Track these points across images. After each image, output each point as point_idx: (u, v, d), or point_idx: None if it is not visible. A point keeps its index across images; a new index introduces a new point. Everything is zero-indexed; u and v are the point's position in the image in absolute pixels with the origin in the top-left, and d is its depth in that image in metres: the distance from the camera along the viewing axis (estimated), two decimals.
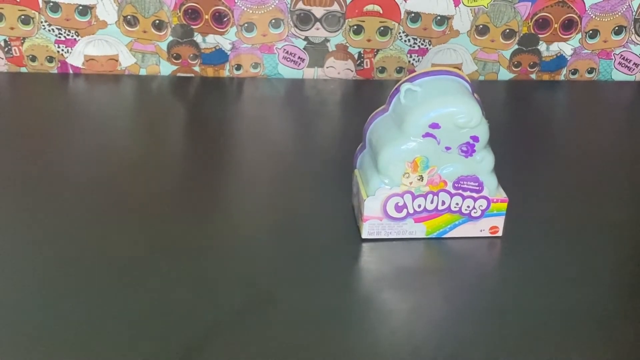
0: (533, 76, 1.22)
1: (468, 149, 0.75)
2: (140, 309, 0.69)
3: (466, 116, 0.73)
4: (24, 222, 0.81)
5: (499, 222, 0.80)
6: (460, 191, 0.77)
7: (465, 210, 0.78)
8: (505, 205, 0.79)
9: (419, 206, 0.78)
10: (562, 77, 1.23)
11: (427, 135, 0.73)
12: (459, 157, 0.75)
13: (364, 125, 0.80)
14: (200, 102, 1.14)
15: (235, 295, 0.71)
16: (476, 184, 0.77)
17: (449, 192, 0.77)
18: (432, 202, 0.77)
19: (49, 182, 0.89)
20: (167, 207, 0.85)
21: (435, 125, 0.73)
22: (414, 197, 0.77)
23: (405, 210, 0.78)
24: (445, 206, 0.78)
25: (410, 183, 0.76)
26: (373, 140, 0.78)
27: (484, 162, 0.77)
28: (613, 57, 1.22)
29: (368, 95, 1.17)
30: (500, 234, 0.80)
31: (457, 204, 0.78)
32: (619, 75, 1.24)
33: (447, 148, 0.75)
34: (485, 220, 0.79)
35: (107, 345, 0.65)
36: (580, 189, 0.92)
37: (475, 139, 0.74)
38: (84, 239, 0.78)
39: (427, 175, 0.76)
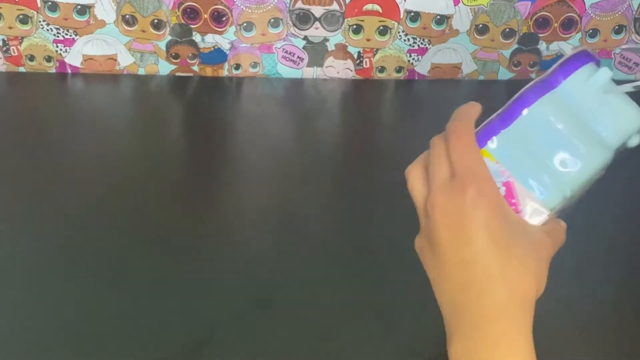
0: (533, 75, 1.22)
1: None
2: (140, 309, 0.68)
3: None
4: (22, 222, 0.81)
5: None
6: None
7: None
8: None
9: None
10: None
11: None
12: None
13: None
14: (199, 101, 1.13)
15: (234, 295, 0.71)
16: None
17: None
18: None
19: (47, 182, 0.88)
20: (166, 207, 0.84)
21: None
22: None
23: None
24: None
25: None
26: (540, 134, 0.54)
27: None
28: (613, 57, 1.22)
29: (367, 94, 1.17)
30: None
31: None
32: (619, 75, 1.24)
33: None
34: None
35: (106, 345, 0.64)
36: None
37: None
38: (83, 238, 0.78)
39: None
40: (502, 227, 0.47)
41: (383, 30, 1.15)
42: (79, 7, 1.11)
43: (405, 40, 1.17)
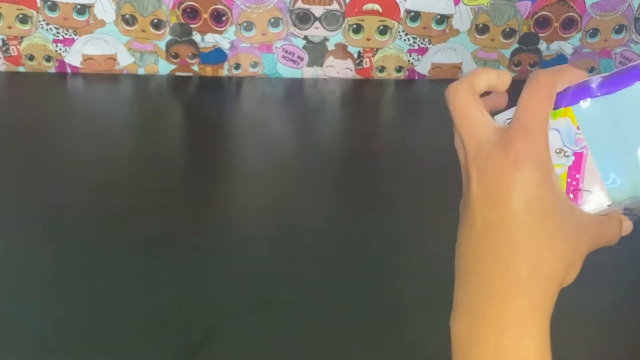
0: None
1: None
2: (140, 310, 0.68)
3: None
4: (22, 222, 0.81)
5: None
6: None
7: None
8: None
9: None
10: None
11: None
12: None
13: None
14: (199, 101, 1.13)
15: (234, 295, 0.70)
16: None
17: None
18: None
19: (47, 182, 0.88)
20: (166, 207, 0.84)
21: None
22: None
23: None
24: None
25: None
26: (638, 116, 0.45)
27: None
28: (614, 56, 1.22)
29: (367, 94, 1.17)
30: None
31: None
32: None
33: None
34: None
35: (106, 345, 0.64)
36: None
37: None
38: (83, 239, 0.78)
39: None
40: (543, 197, 0.40)
41: (383, 30, 1.15)
42: (78, 6, 1.11)
43: (405, 40, 1.16)
